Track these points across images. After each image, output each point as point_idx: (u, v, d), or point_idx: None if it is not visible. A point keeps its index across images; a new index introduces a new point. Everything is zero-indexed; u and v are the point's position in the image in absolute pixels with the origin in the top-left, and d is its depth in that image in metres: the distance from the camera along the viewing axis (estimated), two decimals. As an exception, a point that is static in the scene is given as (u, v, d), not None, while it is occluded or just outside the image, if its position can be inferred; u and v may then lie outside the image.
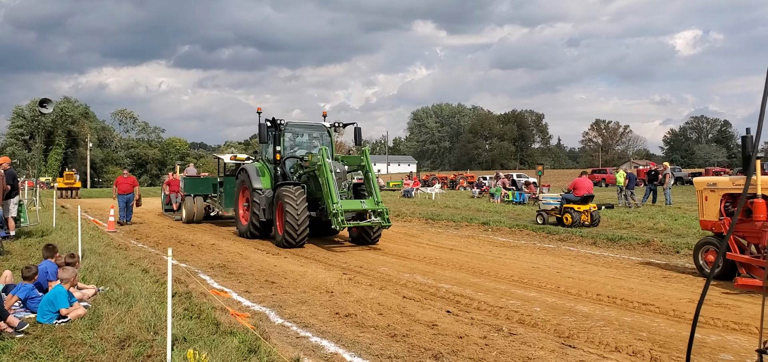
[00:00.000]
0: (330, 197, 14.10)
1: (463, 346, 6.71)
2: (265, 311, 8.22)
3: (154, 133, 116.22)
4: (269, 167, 16.81)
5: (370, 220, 14.36)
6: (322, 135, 17.48)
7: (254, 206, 16.08)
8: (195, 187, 22.70)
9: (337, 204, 13.94)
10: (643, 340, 6.92)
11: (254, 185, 16.29)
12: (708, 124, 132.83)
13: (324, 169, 14.38)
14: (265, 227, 16.18)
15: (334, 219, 13.85)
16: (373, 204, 14.56)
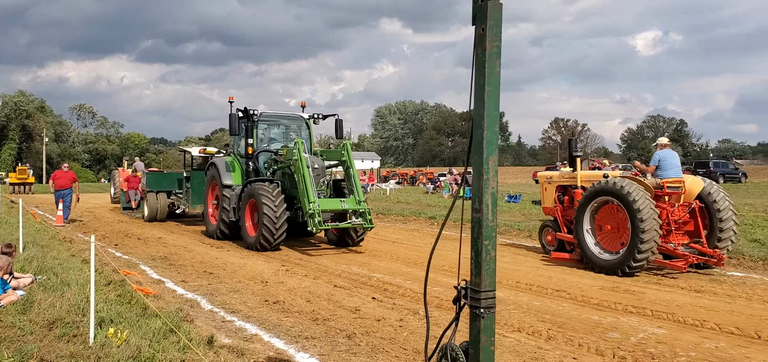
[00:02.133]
0: (306, 195, 12.84)
1: (379, 328, 7.21)
2: (197, 298, 8.61)
3: (113, 128, 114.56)
4: (241, 162, 15.60)
5: (351, 222, 13.22)
6: (300, 127, 16.28)
7: (224, 204, 14.88)
8: (158, 183, 21.44)
9: (314, 204, 12.65)
10: (545, 321, 7.51)
11: (224, 181, 15.08)
12: (664, 122, 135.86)
13: (300, 164, 13.13)
14: (235, 227, 14.80)
15: (311, 221, 12.55)
16: (354, 203, 13.38)
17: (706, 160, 52.59)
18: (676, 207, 11.06)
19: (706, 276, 10.57)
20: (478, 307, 2.42)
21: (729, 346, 6.49)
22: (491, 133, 2.43)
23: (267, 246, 13.08)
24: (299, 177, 13.17)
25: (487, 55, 2.39)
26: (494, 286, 2.56)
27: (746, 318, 7.66)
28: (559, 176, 13.19)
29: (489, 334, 2.45)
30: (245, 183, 14.35)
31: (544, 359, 6.08)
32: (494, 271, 2.55)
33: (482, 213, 2.52)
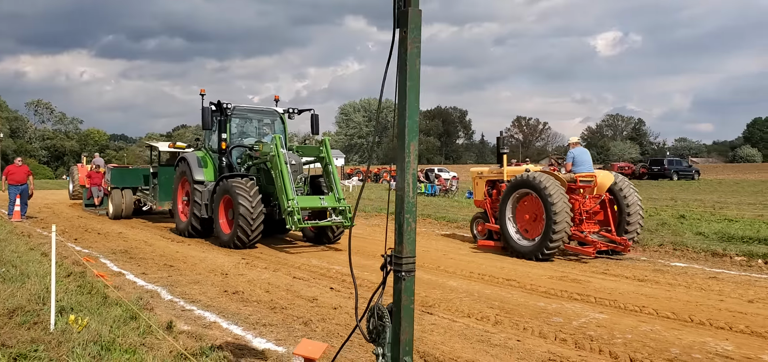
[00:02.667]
0: (284, 192, 12.41)
1: (335, 315, 7.48)
2: (158, 289, 8.76)
3: (72, 124, 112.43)
4: (213, 157, 15.00)
5: (331, 219, 12.90)
6: (275, 122, 15.84)
7: (195, 201, 14.36)
8: (123, 179, 20.80)
9: (293, 201, 12.23)
10: (494, 308, 7.87)
11: (195, 177, 14.51)
12: (623, 122, 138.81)
13: (277, 160, 12.63)
14: (207, 225, 14.44)
15: (290, 219, 12.18)
16: (333, 201, 13.02)
17: (660, 159, 54.08)
18: (587, 199, 12.24)
19: (651, 265, 11.10)
20: (400, 271, 2.74)
21: (663, 329, 6.92)
22: (412, 122, 2.73)
23: (242, 244, 12.65)
24: (277, 173, 12.70)
25: (408, 55, 2.68)
26: (414, 253, 2.87)
27: (683, 304, 8.14)
28: (488, 172, 14.36)
29: (409, 295, 2.75)
30: (219, 179, 13.80)
31: (490, 341, 6.42)
32: (414, 241, 2.87)
33: (404, 191, 2.82)
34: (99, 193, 23.03)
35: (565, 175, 12.30)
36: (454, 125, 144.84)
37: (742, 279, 9.97)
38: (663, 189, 35.24)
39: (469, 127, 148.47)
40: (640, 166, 53.42)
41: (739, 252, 11.74)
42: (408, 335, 2.78)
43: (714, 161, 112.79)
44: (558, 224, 11.16)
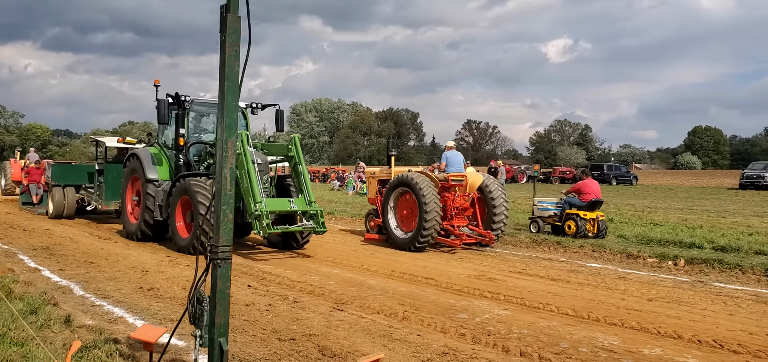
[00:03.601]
0: (251, 195, 11.44)
1: (246, 311, 7.58)
2: (71, 285, 8.71)
3: (12, 117, 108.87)
4: (168, 154, 13.88)
5: (302, 225, 11.99)
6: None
7: (148, 201, 13.21)
8: (65, 176, 19.29)
9: (261, 204, 11.30)
10: (405, 305, 8.08)
11: (148, 175, 13.34)
12: (570, 127, 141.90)
13: (244, 159, 11.58)
14: (161, 227, 13.34)
15: (257, 223, 11.28)
16: (303, 204, 12.10)
17: (600, 164, 55.69)
18: (457, 197, 13.67)
19: (567, 266, 11.50)
20: (217, 259, 2.89)
21: (559, 325, 7.24)
22: (230, 121, 2.90)
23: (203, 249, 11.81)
24: (243, 173, 11.62)
25: (227, 58, 2.84)
26: (230, 243, 3.04)
27: (585, 302, 8.50)
28: (379, 172, 15.62)
29: (225, 281, 2.92)
30: (176, 178, 12.64)
31: (392, 336, 6.61)
32: (231, 231, 3.04)
33: (222, 184, 2.98)
34: (38, 191, 21.68)
35: (439, 175, 13.82)
36: (405, 127, 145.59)
37: (649, 279, 10.43)
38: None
39: (421, 129, 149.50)
40: (581, 171, 54.81)
41: (653, 254, 12.25)
42: (223, 319, 2.96)
43: (656, 167, 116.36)
44: (429, 219, 12.46)
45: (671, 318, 7.62)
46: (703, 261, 11.46)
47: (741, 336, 6.92)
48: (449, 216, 13.40)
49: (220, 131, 2.93)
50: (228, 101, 2.85)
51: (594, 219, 14.68)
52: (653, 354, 6.18)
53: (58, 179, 19.16)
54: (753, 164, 45.40)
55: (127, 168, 14.64)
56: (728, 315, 7.94)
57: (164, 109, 13.04)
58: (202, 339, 3.15)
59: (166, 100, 13.19)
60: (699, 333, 6.92)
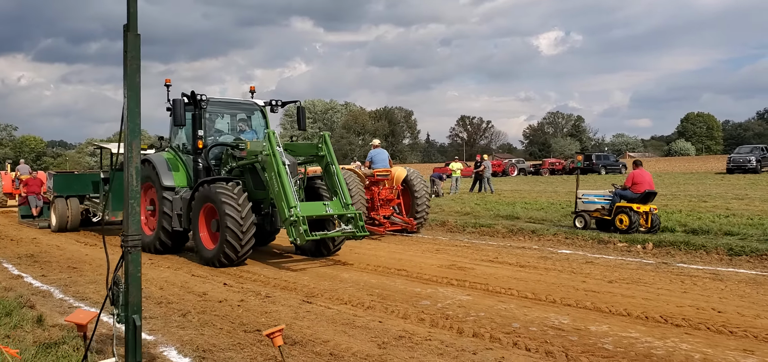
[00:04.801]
0: (284, 199, 10.41)
1: (218, 307, 7.89)
2: (52, 289, 9.02)
3: (6, 130, 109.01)
4: (183, 158, 12.90)
5: (341, 230, 10.85)
6: (252, 116, 13.60)
7: (165, 210, 12.27)
8: (68, 186, 18.15)
9: (296, 209, 10.27)
10: (372, 295, 8.40)
11: (164, 182, 12.39)
12: (563, 119, 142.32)
13: (273, 161, 10.63)
14: (180, 238, 12.54)
15: (292, 230, 10.18)
16: (339, 207, 11.01)
17: (589, 154, 56.19)
18: (383, 190, 15.12)
19: (538, 253, 11.85)
20: (127, 247, 3.23)
21: (516, 307, 7.57)
22: (133, 125, 3.26)
23: (230, 261, 10.68)
24: (273, 176, 10.67)
25: (129, 71, 3.21)
26: (139, 231, 3.38)
27: (547, 286, 8.84)
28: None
29: (136, 265, 3.27)
30: (198, 184, 11.58)
31: (354, 324, 6.94)
32: (139, 222, 3.37)
33: (129, 182, 3.33)
34: (38, 203, 20.44)
35: (366, 171, 15.29)
36: (399, 125, 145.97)
37: (616, 263, 10.78)
38: (587, 183, 36.61)
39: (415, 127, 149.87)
40: (570, 161, 55.37)
41: (623, 240, 12.59)
42: (135, 298, 3.33)
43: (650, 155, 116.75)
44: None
45: (626, 298, 7.96)
46: (671, 244, 11.83)
47: (688, 311, 7.26)
48: (376, 207, 14.96)
49: (126, 133, 3.27)
50: (130, 108, 3.20)
51: (647, 212, 13.58)
52: (599, 331, 6.51)
53: (61, 190, 18.06)
54: (739, 148, 45.83)
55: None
56: (682, 293, 8.29)
57: (180, 110, 11.90)
58: (119, 317, 3.52)
59: (181, 100, 12.07)
60: (648, 310, 7.26)
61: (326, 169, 11.59)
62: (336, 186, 11.35)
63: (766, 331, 6.33)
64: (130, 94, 3.27)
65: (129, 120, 3.25)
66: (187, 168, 12.76)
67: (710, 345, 5.93)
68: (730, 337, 6.23)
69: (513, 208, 18.89)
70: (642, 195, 13.72)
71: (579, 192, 15.10)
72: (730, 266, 10.28)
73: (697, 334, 6.33)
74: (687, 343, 6.01)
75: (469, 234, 15.07)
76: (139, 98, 3.35)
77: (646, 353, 5.74)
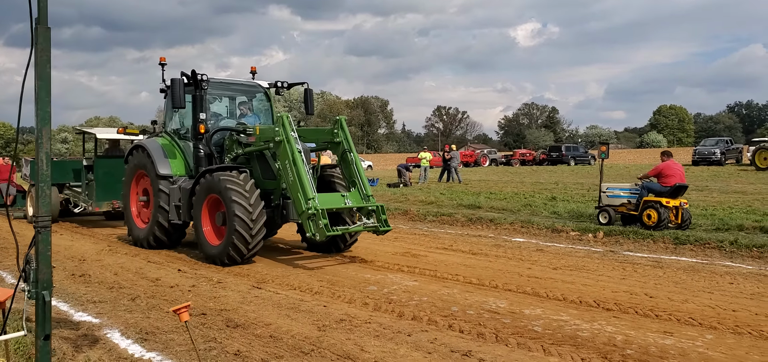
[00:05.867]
0: (300, 190, 9.42)
1: (169, 292, 8.05)
2: (2, 274, 9.08)
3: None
4: (181, 145, 11.85)
5: (362, 224, 9.97)
6: (253, 99, 12.55)
7: (160, 201, 11.22)
8: None
9: (313, 201, 9.29)
10: (322, 281, 8.59)
11: (160, 171, 11.32)
12: (538, 110, 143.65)
13: (287, 147, 9.68)
14: (178, 231, 11.63)
15: (310, 225, 9.17)
16: (358, 199, 10.03)
17: (559, 145, 57.09)
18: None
19: (492, 241, 12.14)
20: (38, 227, 3.40)
21: (458, 292, 7.82)
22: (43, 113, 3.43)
23: (239, 258, 9.70)
24: (286, 164, 9.68)
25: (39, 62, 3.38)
26: (48, 213, 3.56)
27: (493, 272, 9.11)
28: None
29: (46, 244, 3.44)
30: (201, 173, 10.52)
31: (299, 308, 7.13)
32: (49, 203, 3.56)
33: (40, 166, 3.50)
34: (10, 191, 18.59)
35: None
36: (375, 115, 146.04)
37: (565, 251, 11.10)
38: (555, 173, 37.20)
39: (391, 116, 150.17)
40: (541, 152, 56.15)
41: (576, 228, 12.93)
42: (45, 275, 3.50)
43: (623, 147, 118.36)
44: None
45: (566, 284, 8.26)
46: (620, 233, 12.17)
47: (622, 296, 7.57)
48: None
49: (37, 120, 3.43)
50: (41, 97, 3.37)
51: (677, 207, 12.57)
52: (533, 314, 6.78)
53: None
54: (705, 141, 46.74)
55: (130, 163, 12.35)
56: (620, 279, 8.61)
57: (179, 91, 10.79)
58: (30, 293, 3.69)
59: (180, 80, 10.94)
60: (583, 295, 7.55)
61: (343, 157, 10.46)
62: (354, 176, 10.30)
63: (690, 315, 6.65)
64: (40, 84, 3.43)
65: (40, 108, 3.41)
66: (185, 155, 11.70)
67: (634, 328, 6.23)
68: (654, 320, 6.53)
69: (477, 198, 19.18)
70: (672, 188, 12.68)
71: (603, 185, 14.05)
72: (674, 254, 10.64)
73: (625, 317, 6.62)
74: (613, 326, 6.30)
75: (429, 223, 15.33)
76: (50, 88, 3.51)
77: (572, 334, 6.01)
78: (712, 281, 8.47)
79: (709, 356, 5.37)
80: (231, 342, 5.86)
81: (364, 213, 10.02)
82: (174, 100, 10.80)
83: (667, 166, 13.09)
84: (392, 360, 5.34)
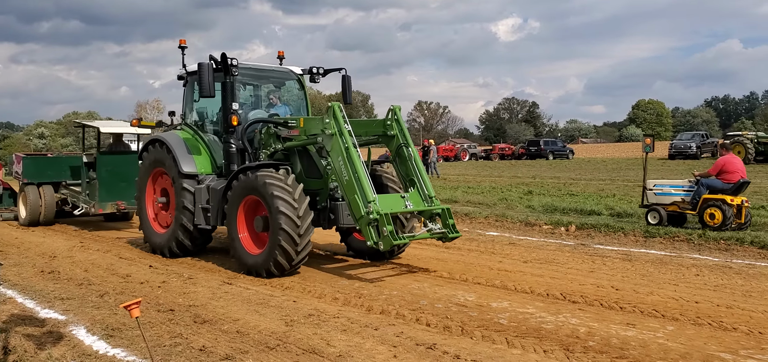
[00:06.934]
0: (358, 192, 8.23)
1: (139, 288, 8.02)
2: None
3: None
4: (205, 138, 10.53)
5: (430, 229, 8.64)
6: (285, 87, 11.43)
7: (184, 203, 9.82)
8: (41, 172, 15.05)
9: (374, 204, 8.06)
10: (294, 277, 8.56)
11: (184, 168, 9.93)
12: (518, 105, 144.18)
13: (339, 142, 8.53)
14: (204, 237, 10.27)
15: (370, 231, 8.04)
16: (419, 201, 8.78)
17: (537, 140, 57.49)
18: None
19: (467, 235, 12.20)
20: None
21: (429, 286, 7.87)
22: None
23: (282, 270, 8.44)
24: (341, 161, 8.45)
25: None
26: None
27: (464, 266, 9.18)
28: None
29: None
30: (237, 171, 9.18)
31: (268, 303, 7.13)
32: None
33: None
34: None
35: None
36: (356, 109, 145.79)
37: (537, 244, 11.20)
38: (533, 168, 37.47)
39: (372, 111, 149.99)
40: (519, 146, 56.49)
41: (549, 222, 13.05)
42: None
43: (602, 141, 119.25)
44: None
45: (534, 277, 8.34)
46: (592, 227, 12.31)
47: (588, 289, 7.67)
48: None
49: None
50: None
51: (739, 205, 11.59)
52: (500, 307, 6.85)
53: (32, 176, 14.85)
54: (681, 135, 47.34)
55: (146, 160, 10.95)
56: (589, 272, 8.72)
57: (208, 77, 9.44)
58: None
59: (209, 64, 9.60)
60: (551, 288, 7.64)
61: (398, 152, 9.23)
62: (412, 174, 9.06)
63: (654, 307, 6.75)
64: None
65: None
66: (210, 150, 10.37)
67: (598, 320, 6.31)
68: (619, 312, 6.62)
69: (454, 193, 19.28)
70: (735, 185, 11.72)
71: (649, 182, 12.88)
72: (644, 247, 10.78)
73: (590, 310, 6.71)
74: (577, 318, 6.38)
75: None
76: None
77: (537, 327, 6.09)
78: (679, 273, 8.61)
79: (669, 347, 5.47)
80: (197, 337, 5.86)
81: (426, 217, 8.82)
82: (202, 87, 9.45)
83: (729, 160, 12.11)
84: (357, 353, 5.37)
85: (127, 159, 14.48)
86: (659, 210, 12.17)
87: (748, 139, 35.16)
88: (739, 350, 5.38)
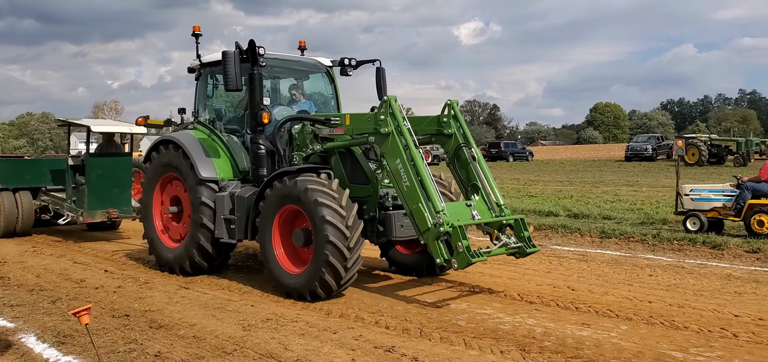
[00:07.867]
0: (423, 201, 7.08)
1: (93, 293, 7.86)
2: None
3: None
4: (223, 139, 9.19)
5: (506, 243, 7.31)
6: (310, 80, 10.24)
7: (202, 216, 8.52)
8: (18, 176, 13.36)
9: (443, 213, 6.91)
10: (253, 281, 8.49)
11: (203, 174, 8.62)
12: (480, 107, 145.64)
13: (397, 142, 7.39)
14: (224, 253, 9.06)
15: (440, 247, 6.87)
16: (486, 211, 7.58)
17: (498, 142, 58.19)
18: None
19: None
20: None
21: (391, 290, 7.91)
22: None
23: (331, 289, 7.24)
24: (397, 163, 7.33)
25: None
26: None
27: (424, 267, 9.20)
28: None
29: None
30: (273, 176, 7.96)
31: (225, 308, 7.05)
32: None
33: None
34: None
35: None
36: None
37: (496, 245, 11.29)
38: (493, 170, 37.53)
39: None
40: (481, 148, 57.01)
41: (508, 223, 13.17)
42: None
43: (561, 143, 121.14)
44: None
45: (493, 278, 8.43)
46: (550, 228, 12.49)
47: (545, 289, 7.78)
48: None
49: None
50: None
51: None
52: (458, 308, 6.91)
53: (7, 181, 13.16)
54: (637, 137, 48.47)
55: (154, 163, 9.57)
56: (546, 273, 8.86)
57: (235, 68, 8.29)
58: None
59: (235, 52, 8.39)
60: (508, 289, 7.73)
61: (457, 153, 8.00)
62: (475, 178, 7.81)
63: (608, 307, 6.88)
64: None
65: None
66: (231, 152, 9.05)
67: (554, 320, 6.41)
68: (574, 312, 6.74)
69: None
70: None
71: (685, 187, 12.15)
72: (600, 248, 10.98)
73: (546, 310, 6.81)
74: (534, 318, 6.47)
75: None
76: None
77: (494, 327, 6.15)
78: (633, 273, 8.79)
79: (622, 346, 5.58)
80: (152, 343, 5.76)
81: (496, 228, 7.54)
82: (228, 80, 8.28)
83: None
84: (315, 357, 5.35)
85: (119, 161, 13.18)
86: (699, 216, 11.41)
87: (702, 142, 36.13)
88: (689, 348, 5.52)
